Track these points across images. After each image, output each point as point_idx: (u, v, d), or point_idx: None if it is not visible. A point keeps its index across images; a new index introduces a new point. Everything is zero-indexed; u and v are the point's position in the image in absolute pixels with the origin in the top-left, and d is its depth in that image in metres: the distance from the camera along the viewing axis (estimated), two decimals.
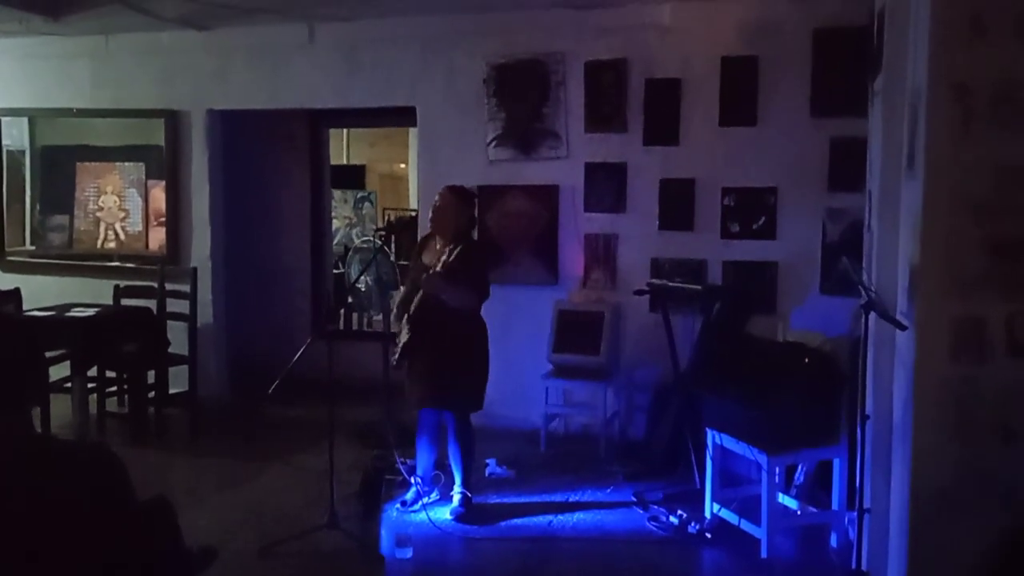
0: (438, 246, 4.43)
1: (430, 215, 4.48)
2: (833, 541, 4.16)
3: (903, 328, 2.80)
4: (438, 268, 4.23)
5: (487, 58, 5.92)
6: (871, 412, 3.37)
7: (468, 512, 4.45)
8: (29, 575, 1.43)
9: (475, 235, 4.50)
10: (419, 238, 4.75)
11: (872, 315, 3.13)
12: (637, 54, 5.64)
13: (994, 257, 2.48)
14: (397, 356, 4.47)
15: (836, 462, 4.16)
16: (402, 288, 4.70)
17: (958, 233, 2.51)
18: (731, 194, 5.50)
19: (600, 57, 5.70)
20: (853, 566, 3.27)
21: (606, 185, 5.75)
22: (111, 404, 6.04)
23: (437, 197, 4.50)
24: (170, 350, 5.98)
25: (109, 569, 1.51)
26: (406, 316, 4.39)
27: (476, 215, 4.58)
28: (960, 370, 2.53)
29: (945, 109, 2.50)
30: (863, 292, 3.18)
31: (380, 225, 9.34)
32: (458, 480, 4.54)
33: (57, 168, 7.02)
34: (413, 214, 4.99)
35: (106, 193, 6.88)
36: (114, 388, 6.10)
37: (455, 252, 4.25)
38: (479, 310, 4.44)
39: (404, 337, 4.39)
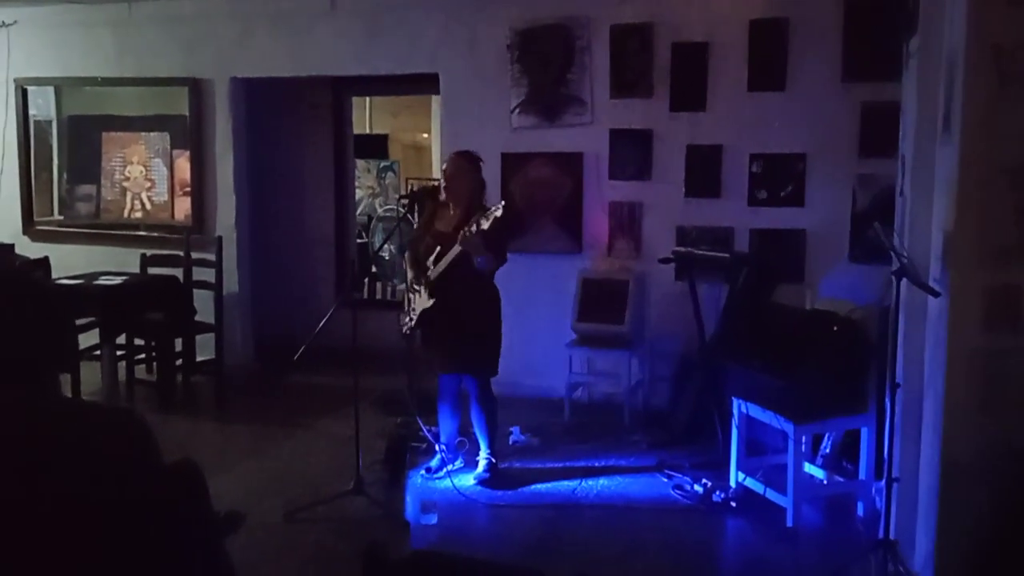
0: (452, 212, 4.42)
1: (443, 183, 4.46)
2: (860, 511, 4.13)
3: (936, 294, 2.74)
4: (473, 230, 4.11)
5: (511, 23, 5.84)
6: (901, 381, 3.32)
7: (493, 478, 4.48)
8: (52, 538, 1.44)
9: (486, 199, 4.46)
10: (427, 207, 4.68)
11: (904, 282, 3.07)
12: (663, 18, 5.54)
13: None
14: (412, 323, 4.47)
15: (864, 431, 4.12)
16: (407, 254, 4.66)
17: (993, 199, 2.46)
18: (759, 160, 5.42)
19: (626, 21, 5.60)
20: (880, 535, 3.25)
21: (631, 152, 5.68)
22: (139, 371, 6.11)
23: (447, 165, 4.49)
24: (196, 318, 6.03)
25: (135, 532, 1.52)
26: (424, 280, 4.37)
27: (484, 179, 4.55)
28: (992, 340, 2.48)
29: (982, 71, 2.43)
30: (895, 257, 3.12)
31: (403, 194, 9.32)
32: (483, 446, 4.56)
33: (83, 138, 7.05)
34: (436, 183, 4.98)
35: (132, 163, 6.91)
36: (142, 356, 6.17)
37: (487, 219, 4.15)
38: (493, 276, 4.44)
39: (424, 303, 4.38)
